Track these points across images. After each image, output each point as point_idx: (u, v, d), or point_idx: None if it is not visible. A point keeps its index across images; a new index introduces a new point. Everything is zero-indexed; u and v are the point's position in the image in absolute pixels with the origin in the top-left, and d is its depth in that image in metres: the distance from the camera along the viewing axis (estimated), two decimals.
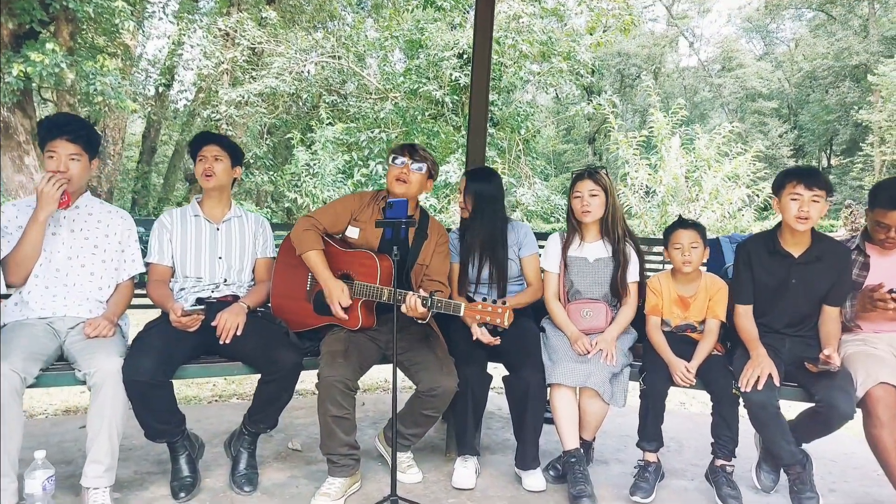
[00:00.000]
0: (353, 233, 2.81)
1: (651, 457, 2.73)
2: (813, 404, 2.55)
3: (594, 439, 2.94)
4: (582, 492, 2.57)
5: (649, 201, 7.78)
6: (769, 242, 2.76)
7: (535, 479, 2.74)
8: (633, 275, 2.90)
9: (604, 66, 24.52)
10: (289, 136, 10.11)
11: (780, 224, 2.79)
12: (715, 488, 2.63)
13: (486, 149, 3.76)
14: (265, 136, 11.56)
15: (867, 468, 3.17)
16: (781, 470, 2.74)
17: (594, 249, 2.94)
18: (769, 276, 2.73)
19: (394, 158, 2.83)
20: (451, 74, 9.95)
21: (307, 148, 9.95)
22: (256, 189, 12.28)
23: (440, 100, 10.03)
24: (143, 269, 2.80)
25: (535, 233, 3.20)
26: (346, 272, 2.73)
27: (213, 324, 2.62)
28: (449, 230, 3.11)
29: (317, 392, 2.54)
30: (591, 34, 10.80)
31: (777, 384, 2.51)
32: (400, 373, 2.70)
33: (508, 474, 2.92)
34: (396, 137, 10.23)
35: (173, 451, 2.62)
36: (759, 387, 2.47)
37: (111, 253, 2.69)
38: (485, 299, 2.45)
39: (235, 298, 2.82)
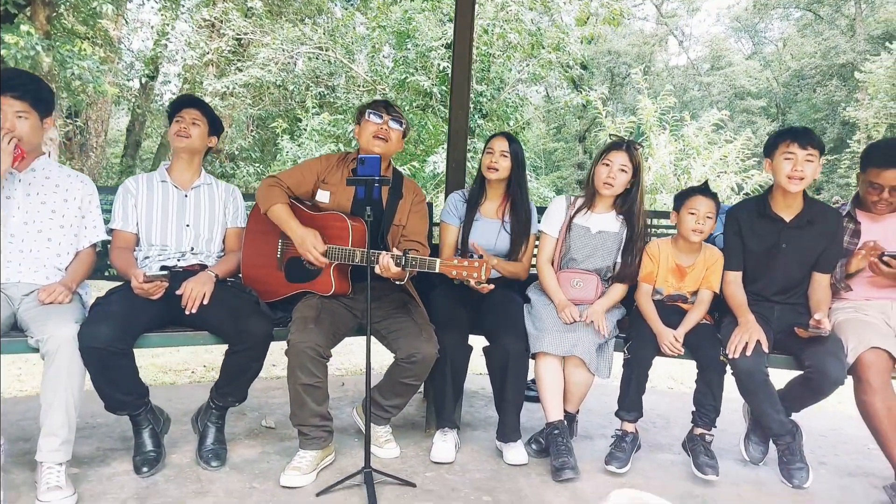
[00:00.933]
0: (323, 197, 2.70)
1: (629, 427, 2.63)
2: (802, 372, 2.47)
3: (578, 412, 2.83)
4: (565, 463, 2.47)
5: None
6: (760, 206, 2.68)
7: (516, 453, 2.64)
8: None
9: (594, 64, 24.52)
10: (273, 125, 9.95)
11: (770, 188, 2.70)
12: (692, 457, 2.53)
13: (476, 140, 3.65)
14: (251, 127, 11.42)
15: (858, 442, 3.10)
16: (770, 441, 2.65)
17: (601, 221, 2.82)
18: (759, 240, 2.65)
19: (370, 114, 2.69)
20: (439, 65, 9.85)
21: (293, 139, 9.80)
22: (245, 186, 12.12)
23: (428, 91, 9.93)
24: (106, 237, 2.67)
25: None
26: None
27: (179, 292, 2.49)
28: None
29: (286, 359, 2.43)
30: (580, 26, 10.72)
31: (766, 350, 2.42)
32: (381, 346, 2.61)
33: (490, 449, 2.82)
34: None
35: (136, 424, 2.49)
36: (748, 352, 2.38)
37: (70, 218, 2.55)
38: (462, 254, 2.35)
39: (203, 268, 2.69)
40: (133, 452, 2.49)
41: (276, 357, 2.59)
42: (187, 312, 2.47)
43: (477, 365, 2.95)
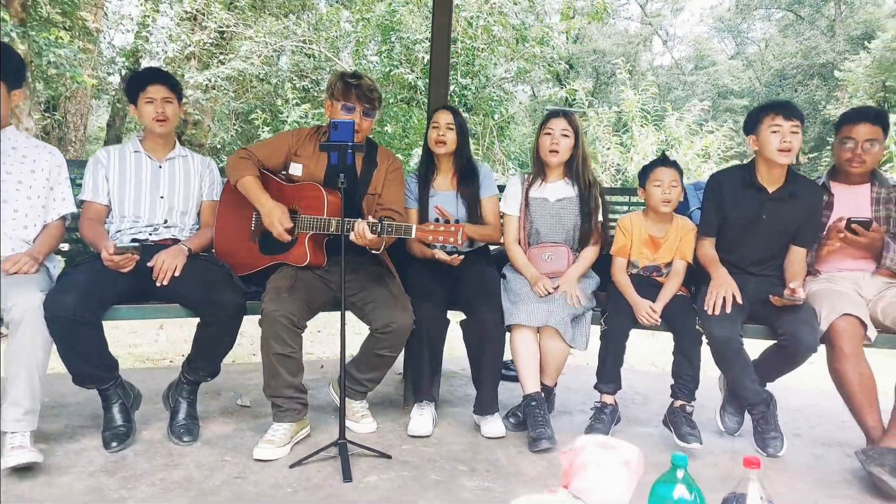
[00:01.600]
0: (296, 170, 2.66)
1: (608, 399, 2.63)
2: (776, 341, 2.47)
3: (555, 386, 2.83)
4: (541, 434, 2.45)
5: (620, 178, 7.73)
6: (745, 175, 2.68)
7: (493, 426, 2.62)
8: (600, 216, 2.81)
9: (579, 63, 24.63)
10: (253, 117, 9.86)
11: (754, 160, 2.71)
12: (674, 429, 2.53)
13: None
14: (233, 121, 11.31)
15: (832, 415, 3.12)
16: (746, 412, 2.66)
17: (556, 189, 2.84)
18: (741, 209, 2.65)
19: (341, 108, 2.62)
20: (424, 58, 9.81)
21: (274, 132, 9.72)
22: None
23: (413, 83, 9.88)
24: (75, 209, 2.62)
25: None
26: (292, 207, 2.58)
27: (150, 264, 2.45)
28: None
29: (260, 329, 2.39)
30: (564, 20, 10.75)
31: (740, 302, 2.44)
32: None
33: (468, 424, 2.80)
34: None
35: (105, 399, 2.45)
36: (728, 309, 2.40)
37: (38, 190, 2.50)
38: (437, 220, 2.34)
39: (175, 242, 2.65)
40: (102, 428, 2.44)
41: (255, 340, 2.55)
42: (158, 284, 2.43)
43: (456, 347, 2.92)
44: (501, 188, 3.09)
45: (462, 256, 2.56)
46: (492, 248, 3.16)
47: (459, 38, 9.72)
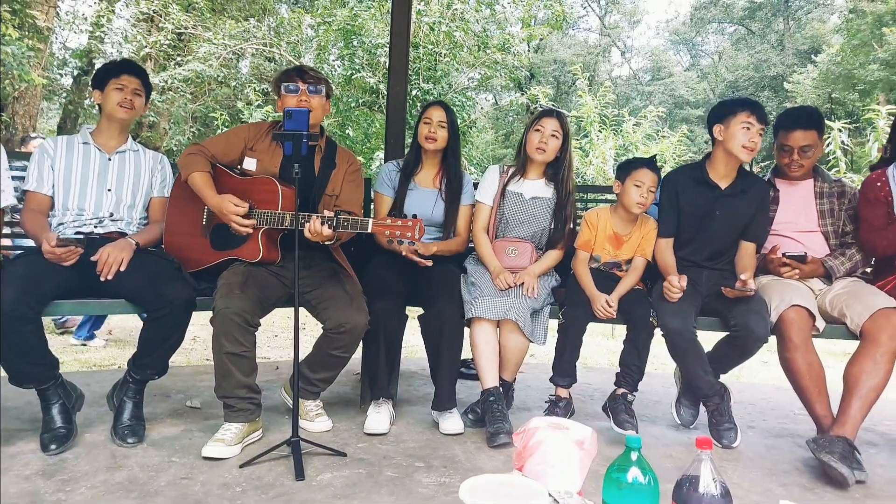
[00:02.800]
0: (250, 164, 2.60)
1: (563, 392, 2.63)
2: (729, 333, 2.51)
3: (514, 381, 2.81)
4: (500, 429, 2.43)
5: (578, 180, 7.87)
6: (697, 172, 2.73)
7: (451, 422, 2.59)
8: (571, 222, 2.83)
9: (540, 72, 24.96)
10: (213, 116, 9.66)
11: (707, 156, 2.76)
12: (612, 415, 2.53)
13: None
14: (190, 123, 11.08)
15: (785, 408, 3.18)
16: (701, 405, 2.69)
17: (533, 187, 2.84)
18: (694, 206, 2.70)
19: (286, 87, 2.59)
20: (385, 63, 9.80)
21: None
22: None
23: (375, 88, 9.85)
24: (13, 201, 2.51)
25: None
26: (246, 201, 2.51)
27: (94, 258, 2.36)
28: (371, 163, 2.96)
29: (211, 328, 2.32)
30: (526, 28, 10.86)
31: (683, 286, 2.49)
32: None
33: (426, 421, 2.76)
34: (329, 126, 9.98)
35: (44, 399, 2.33)
36: (683, 285, 2.46)
37: None
38: (394, 215, 2.30)
39: (122, 235, 2.56)
40: (41, 430, 2.32)
41: (209, 342, 2.47)
42: (102, 279, 2.34)
43: (418, 347, 2.89)
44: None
45: (430, 262, 2.54)
46: None
47: (421, 43, 9.74)
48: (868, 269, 2.80)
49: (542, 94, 9.25)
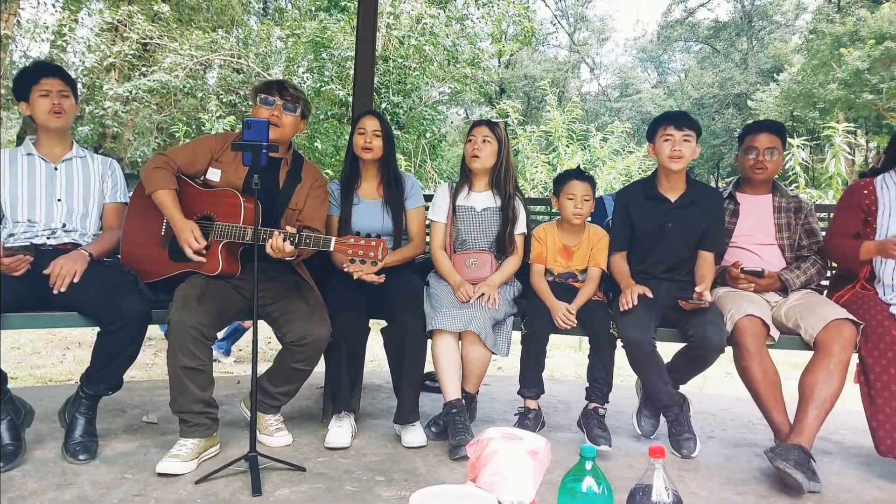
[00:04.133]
0: (214, 175, 2.56)
1: (532, 403, 2.64)
2: (687, 343, 2.55)
3: (477, 393, 2.80)
4: (462, 441, 2.41)
5: (546, 194, 7.93)
6: (646, 188, 2.79)
7: (414, 435, 2.57)
8: (520, 227, 2.85)
9: (511, 87, 25.23)
10: (174, 129, 9.53)
11: (657, 170, 2.82)
12: (585, 431, 2.55)
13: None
14: (155, 134, 10.91)
15: (744, 419, 3.23)
16: (661, 415, 2.72)
17: (482, 199, 2.87)
18: (647, 220, 2.75)
19: (263, 98, 2.59)
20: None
21: None
22: None
23: (344, 100, 9.84)
24: None
25: None
26: (207, 213, 2.48)
27: (47, 271, 2.29)
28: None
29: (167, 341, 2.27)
30: (496, 43, 10.99)
31: (650, 295, 2.53)
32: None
33: (388, 435, 2.73)
34: (297, 138, 9.93)
35: None
36: (635, 301, 2.49)
37: None
38: (357, 233, 2.28)
39: (76, 247, 2.50)
40: None
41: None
42: (55, 291, 2.28)
43: (384, 362, 2.86)
44: (429, 198, 3.08)
45: (384, 276, 2.52)
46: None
47: (391, 56, 9.78)
48: (823, 282, 2.88)
49: (512, 108, 9.35)
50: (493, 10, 10.54)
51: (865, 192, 2.63)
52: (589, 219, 3.05)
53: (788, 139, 7.33)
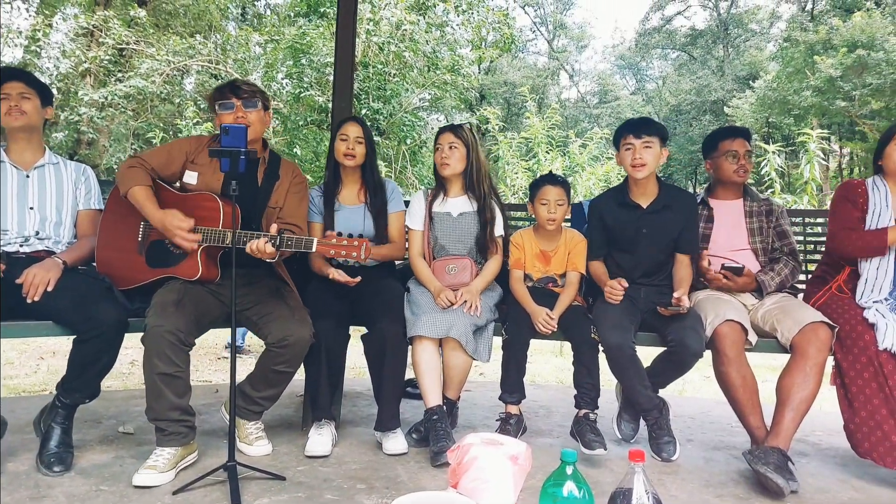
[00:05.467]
0: (190, 178, 2.53)
1: (513, 409, 2.64)
2: (666, 348, 2.57)
3: (458, 400, 2.80)
4: (443, 447, 2.40)
5: (527, 201, 8.00)
6: (619, 195, 2.82)
7: (395, 442, 2.56)
8: (499, 229, 2.85)
9: (491, 94, 25.36)
10: (150, 136, 9.42)
11: (626, 179, 2.85)
12: (579, 438, 2.55)
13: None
14: (131, 140, 10.77)
15: (722, 422, 3.26)
16: (641, 419, 2.73)
17: (458, 204, 2.87)
18: (621, 227, 2.78)
19: (220, 105, 2.54)
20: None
21: None
22: None
23: (323, 106, 9.81)
24: None
25: None
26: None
27: (19, 280, 2.25)
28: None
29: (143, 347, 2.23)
30: (475, 48, 11.04)
31: (626, 285, 2.58)
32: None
33: (369, 442, 2.72)
34: (277, 144, 9.87)
35: None
36: (620, 293, 2.53)
37: None
38: (339, 234, 2.28)
39: (50, 254, 2.45)
40: None
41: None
42: (29, 300, 2.23)
43: (365, 369, 2.85)
44: (409, 203, 3.08)
45: (359, 278, 2.52)
46: (397, 262, 3.13)
47: (371, 63, 9.77)
48: (798, 284, 2.92)
49: (493, 114, 9.39)
50: (473, 16, 10.62)
51: (859, 190, 2.65)
52: (568, 224, 3.08)
53: (764, 145, 7.49)
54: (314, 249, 2.25)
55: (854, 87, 14.96)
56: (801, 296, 2.87)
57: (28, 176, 2.51)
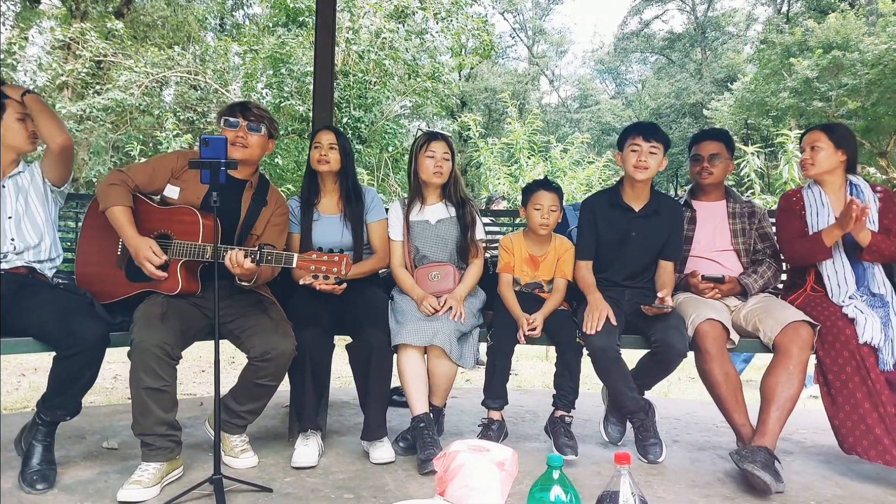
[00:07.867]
0: (172, 192, 2.51)
1: (495, 415, 2.65)
2: (650, 349, 2.59)
3: (445, 407, 2.80)
4: (431, 455, 2.40)
5: (509, 206, 8.01)
6: (611, 197, 2.84)
7: (382, 451, 2.55)
8: (479, 232, 2.86)
9: (472, 100, 25.45)
10: (128, 148, 9.32)
11: (622, 180, 2.87)
12: (553, 438, 2.57)
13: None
14: (111, 153, 10.66)
15: (708, 422, 3.29)
16: (628, 421, 2.75)
17: (435, 211, 2.87)
18: (611, 229, 2.79)
19: (226, 121, 2.55)
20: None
21: None
22: None
23: (304, 115, 9.80)
24: None
25: None
26: (164, 231, 2.43)
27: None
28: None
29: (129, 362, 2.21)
30: (455, 55, 11.09)
31: (614, 323, 2.53)
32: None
33: (356, 452, 2.71)
34: None
35: None
36: (599, 328, 2.48)
37: None
38: (320, 248, 2.27)
39: (31, 272, 2.43)
40: None
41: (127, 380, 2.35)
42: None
43: (351, 378, 2.84)
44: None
45: (345, 285, 2.51)
46: (381, 271, 3.12)
47: (351, 71, 9.78)
48: (779, 286, 2.96)
49: (473, 121, 9.42)
50: (452, 24, 10.67)
51: (794, 198, 2.76)
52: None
53: (743, 147, 7.57)
54: (294, 265, 2.25)
55: (830, 87, 15.19)
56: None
57: (3, 186, 2.47)
